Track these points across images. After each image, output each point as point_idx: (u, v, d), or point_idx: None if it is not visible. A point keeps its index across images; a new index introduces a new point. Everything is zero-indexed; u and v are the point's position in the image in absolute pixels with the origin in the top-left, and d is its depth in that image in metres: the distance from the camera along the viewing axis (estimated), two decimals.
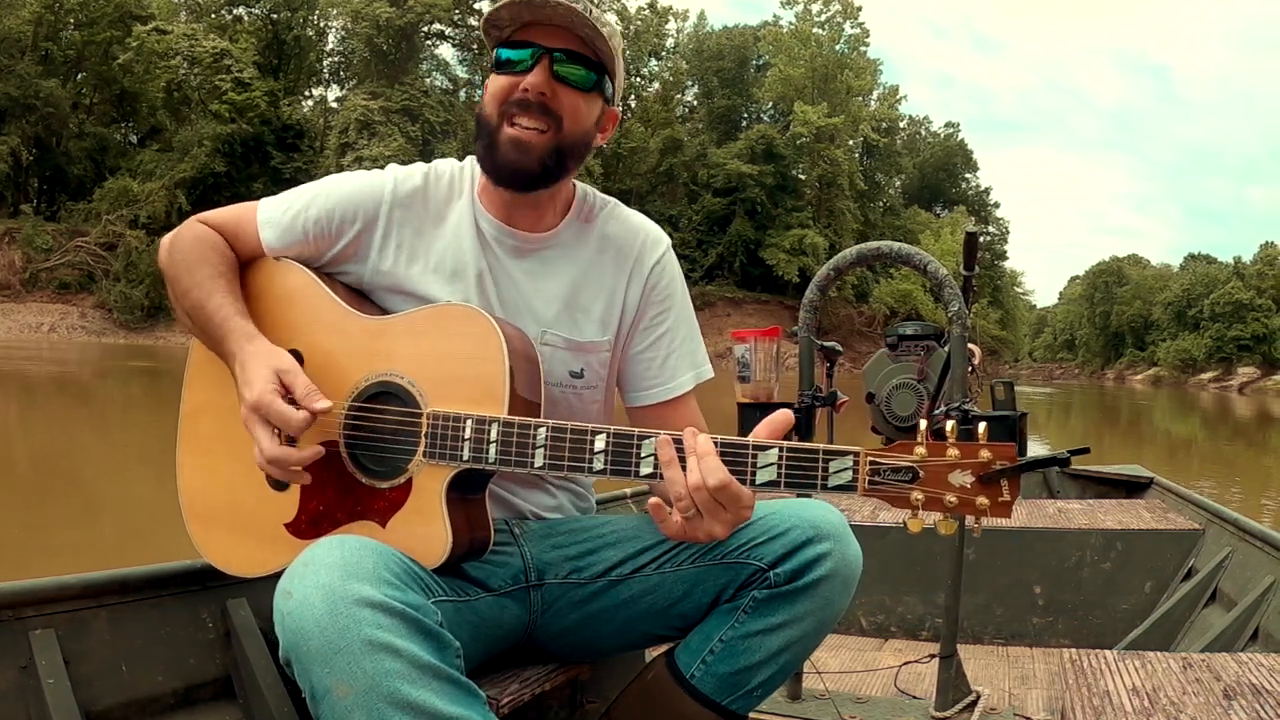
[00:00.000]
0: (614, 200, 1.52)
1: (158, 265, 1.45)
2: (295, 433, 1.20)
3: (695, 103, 64.85)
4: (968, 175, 77.35)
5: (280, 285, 1.39)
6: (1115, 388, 63.68)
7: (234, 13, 55.55)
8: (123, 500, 7.09)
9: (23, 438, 11.03)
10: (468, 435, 1.20)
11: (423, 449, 1.23)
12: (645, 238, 1.49)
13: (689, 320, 1.52)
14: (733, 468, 1.11)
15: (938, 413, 1.90)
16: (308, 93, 58.14)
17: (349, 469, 1.27)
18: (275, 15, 55.39)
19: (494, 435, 1.20)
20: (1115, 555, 2.73)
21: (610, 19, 1.39)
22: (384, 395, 1.27)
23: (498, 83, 1.35)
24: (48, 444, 10.28)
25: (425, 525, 1.22)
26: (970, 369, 2.00)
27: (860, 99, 60.12)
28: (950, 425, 1.07)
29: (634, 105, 57.57)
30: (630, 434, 1.16)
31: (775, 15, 68.33)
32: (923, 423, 1.07)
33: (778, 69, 58.16)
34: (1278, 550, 2.26)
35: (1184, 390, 59.59)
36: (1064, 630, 2.71)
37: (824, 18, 60.69)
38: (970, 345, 2.02)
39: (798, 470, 1.09)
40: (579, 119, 1.36)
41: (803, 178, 57.64)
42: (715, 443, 1.12)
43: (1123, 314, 78.31)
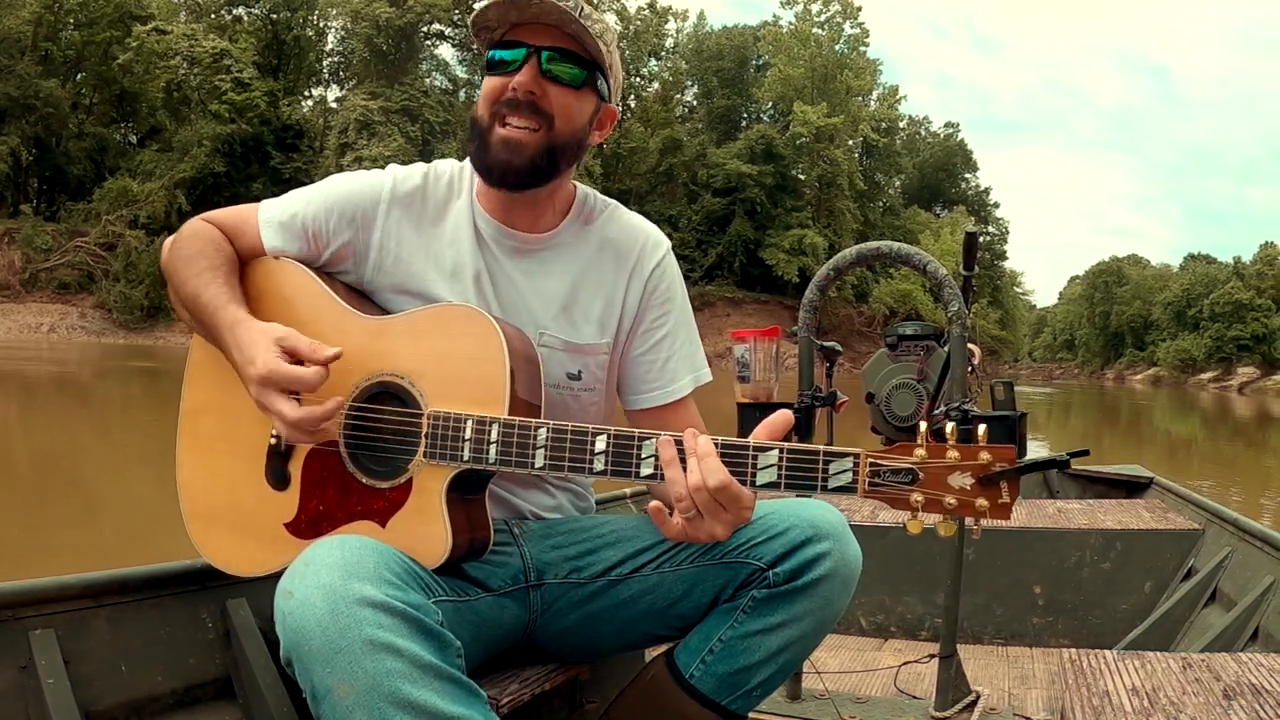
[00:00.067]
0: (614, 202, 1.52)
1: (159, 265, 1.45)
2: (312, 389, 1.20)
3: (695, 103, 64.84)
4: (967, 175, 77.39)
5: (281, 285, 1.39)
6: (1115, 388, 63.67)
7: (234, 13, 55.55)
8: (123, 500, 7.09)
9: (23, 438, 11.03)
10: (468, 436, 1.21)
11: (423, 449, 1.23)
12: (645, 240, 1.49)
13: (688, 323, 1.52)
14: (733, 469, 1.11)
15: (938, 413, 1.90)
16: (307, 93, 58.20)
17: (349, 469, 1.27)
18: (275, 15, 55.38)
19: (494, 436, 1.20)
20: (1115, 555, 2.73)
21: (608, 18, 1.39)
22: (384, 395, 1.28)
23: (489, 84, 1.36)
24: (48, 444, 10.28)
25: (425, 525, 1.22)
26: (970, 369, 2.00)
27: (860, 99, 60.11)
28: (950, 427, 1.07)
29: (633, 105, 57.56)
30: (631, 435, 1.17)
31: (775, 15, 68.39)
32: (922, 424, 1.07)
33: (777, 69, 58.14)
34: (1278, 550, 2.26)
35: (1184, 390, 59.59)
36: (1064, 630, 2.71)
37: (824, 18, 60.70)
38: (970, 345, 2.01)
39: (798, 472, 1.10)
40: (570, 117, 1.36)
41: (802, 178, 57.63)
42: (716, 444, 1.12)
43: (1122, 314, 78.29)
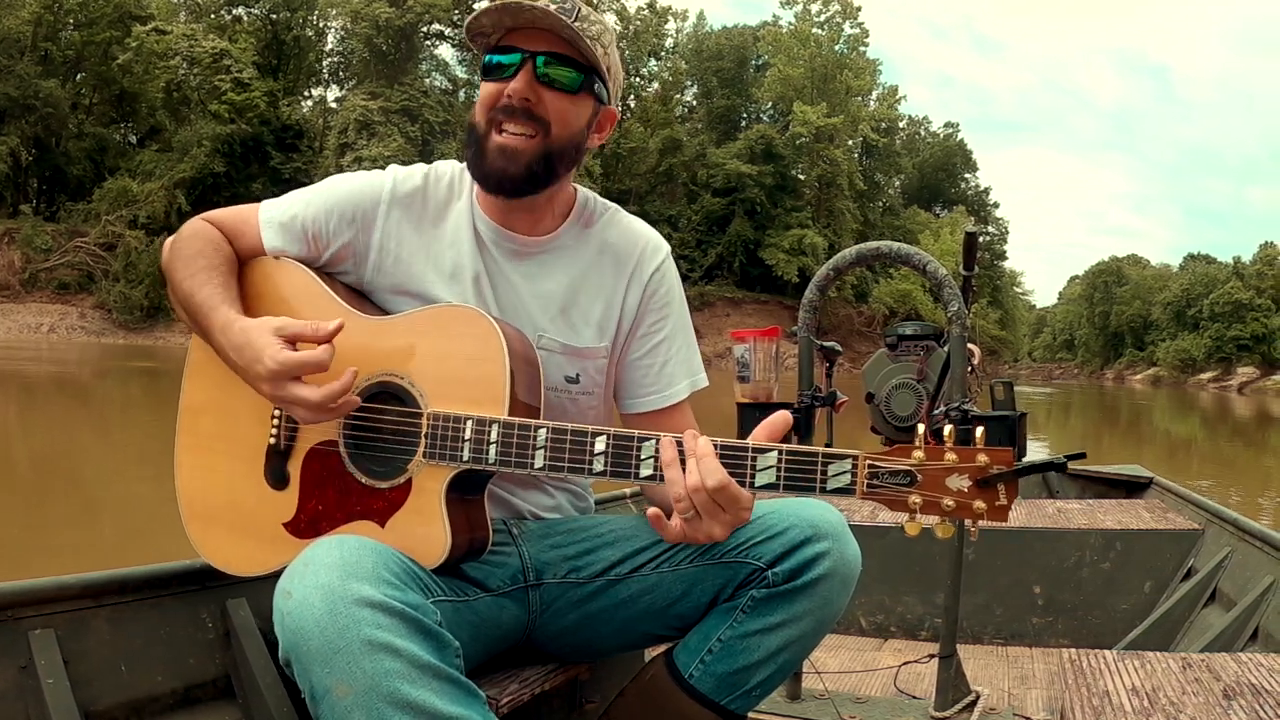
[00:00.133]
0: (615, 206, 1.52)
1: (159, 265, 1.45)
2: (324, 367, 1.20)
3: (694, 103, 64.85)
4: (967, 175, 77.48)
5: (280, 284, 1.39)
6: (1115, 388, 63.68)
7: (233, 13, 55.52)
8: (122, 500, 7.09)
9: (23, 438, 11.03)
10: (468, 436, 1.21)
11: (423, 449, 1.23)
12: (645, 244, 1.49)
13: (686, 328, 1.52)
14: (732, 470, 1.12)
15: (937, 413, 1.90)
16: (307, 93, 58.17)
17: (349, 469, 1.27)
18: (275, 15, 55.36)
19: (494, 436, 1.20)
20: (1115, 555, 2.73)
21: (607, 18, 1.38)
22: (384, 395, 1.28)
23: (485, 90, 1.35)
24: (48, 444, 10.28)
25: (424, 525, 1.22)
26: (970, 369, 2.00)
27: (860, 99, 60.15)
28: (949, 428, 1.07)
29: (633, 105, 57.57)
30: (630, 436, 1.17)
31: (775, 15, 68.49)
32: (921, 426, 1.07)
33: (777, 69, 58.16)
34: (1277, 550, 2.26)
35: (1183, 390, 59.60)
36: (1063, 630, 2.71)
37: (823, 18, 60.73)
38: (970, 345, 2.01)
39: (796, 473, 1.10)
40: (567, 122, 1.36)
41: (802, 178, 57.65)
42: (715, 445, 1.13)
43: (1122, 314, 78.29)
